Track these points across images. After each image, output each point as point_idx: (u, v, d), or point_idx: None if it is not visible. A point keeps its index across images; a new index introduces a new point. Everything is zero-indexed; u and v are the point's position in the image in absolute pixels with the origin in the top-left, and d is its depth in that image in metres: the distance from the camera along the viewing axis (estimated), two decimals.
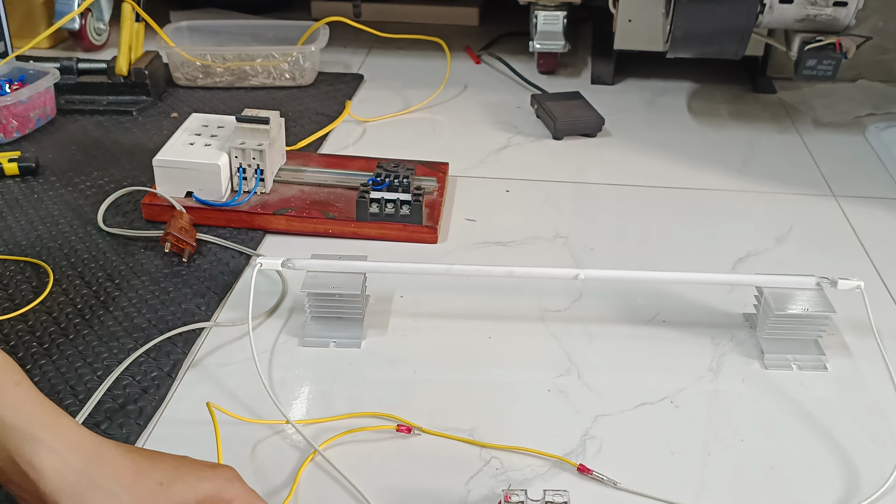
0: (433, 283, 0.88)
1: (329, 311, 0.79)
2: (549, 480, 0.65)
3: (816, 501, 0.64)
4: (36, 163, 1.06)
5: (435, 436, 0.69)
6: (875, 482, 0.66)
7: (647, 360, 0.79)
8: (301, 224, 0.96)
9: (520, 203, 1.05)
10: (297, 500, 0.63)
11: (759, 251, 0.96)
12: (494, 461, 0.67)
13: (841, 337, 0.82)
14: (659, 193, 1.09)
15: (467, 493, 0.64)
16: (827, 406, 0.74)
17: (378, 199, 0.95)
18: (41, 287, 0.85)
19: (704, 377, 0.77)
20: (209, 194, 0.96)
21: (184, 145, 0.97)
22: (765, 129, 1.28)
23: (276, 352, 0.78)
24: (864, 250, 0.97)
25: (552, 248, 0.96)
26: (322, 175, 1.03)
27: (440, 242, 0.96)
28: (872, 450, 0.69)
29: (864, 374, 0.77)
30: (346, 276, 0.79)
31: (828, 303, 0.78)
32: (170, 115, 1.25)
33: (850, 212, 1.05)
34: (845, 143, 1.25)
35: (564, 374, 0.76)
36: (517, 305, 0.85)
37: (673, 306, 0.86)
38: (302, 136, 1.18)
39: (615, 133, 1.25)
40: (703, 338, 0.81)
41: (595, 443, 0.69)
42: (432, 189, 1.02)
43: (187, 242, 0.89)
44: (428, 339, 0.80)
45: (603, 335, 0.82)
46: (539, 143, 1.22)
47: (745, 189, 1.10)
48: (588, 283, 0.88)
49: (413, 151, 1.13)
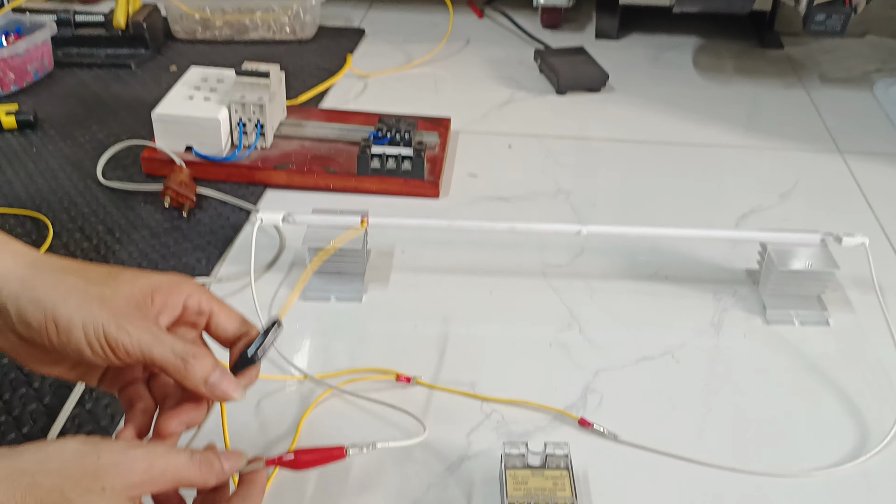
0: (434, 238, 0.87)
1: (330, 266, 0.79)
2: (550, 433, 0.65)
3: (816, 456, 0.64)
4: (34, 116, 1.05)
5: (436, 389, 0.69)
6: (877, 436, 0.66)
7: (649, 315, 0.78)
8: (302, 179, 0.95)
9: (522, 158, 1.05)
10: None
11: (764, 207, 0.95)
12: (495, 414, 0.67)
13: (844, 293, 0.82)
14: (662, 149, 1.08)
15: (468, 446, 0.64)
16: (828, 361, 0.74)
17: (379, 153, 0.94)
18: (41, 240, 0.84)
19: (706, 332, 0.76)
20: (209, 149, 0.95)
21: (183, 99, 0.96)
22: (771, 85, 1.26)
23: (276, 306, 0.78)
24: (870, 206, 0.96)
25: (554, 204, 0.95)
26: (323, 130, 1.02)
27: (442, 197, 0.96)
28: (874, 404, 0.69)
29: (866, 330, 0.77)
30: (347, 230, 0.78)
31: (831, 259, 0.78)
32: (168, 68, 1.23)
33: (855, 168, 1.04)
34: (852, 98, 1.23)
35: (566, 328, 0.76)
36: (519, 260, 0.85)
37: (675, 262, 0.85)
38: (302, 90, 1.17)
39: (619, 88, 1.24)
40: (705, 293, 0.81)
41: (596, 396, 0.69)
42: (434, 144, 1.01)
43: (187, 197, 0.89)
44: (429, 293, 0.80)
45: (604, 290, 0.81)
46: (542, 98, 1.20)
47: (750, 145, 1.09)
48: (590, 239, 0.87)
49: (415, 106, 1.12)
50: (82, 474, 0.43)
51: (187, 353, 0.48)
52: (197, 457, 0.47)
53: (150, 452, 0.45)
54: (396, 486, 0.60)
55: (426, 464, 0.62)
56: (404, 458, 0.63)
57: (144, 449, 0.45)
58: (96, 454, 0.43)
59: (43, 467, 0.42)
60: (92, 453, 0.43)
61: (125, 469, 0.44)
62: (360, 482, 0.61)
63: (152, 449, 0.45)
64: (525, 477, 0.57)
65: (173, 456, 0.46)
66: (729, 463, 0.63)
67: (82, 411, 0.65)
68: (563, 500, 0.55)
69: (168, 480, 0.45)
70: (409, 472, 0.61)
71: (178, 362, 0.48)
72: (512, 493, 0.56)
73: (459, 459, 0.63)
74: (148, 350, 0.47)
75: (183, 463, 0.46)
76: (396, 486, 0.60)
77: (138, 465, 0.44)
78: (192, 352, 0.48)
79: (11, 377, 0.67)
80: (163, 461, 0.45)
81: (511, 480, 0.57)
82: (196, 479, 0.47)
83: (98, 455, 0.43)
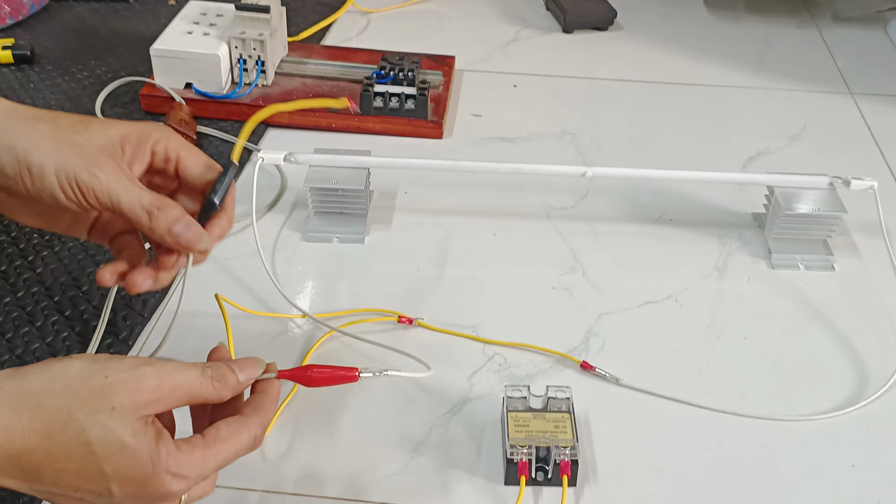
0: (438, 178, 0.86)
1: (332, 207, 0.78)
2: (552, 377, 0.65)
3: (818, 399, 0.65)
4: (31, 51, 1.03)
5: (438, 332, 0.69)
6: (879, 381, 0.66)
7: (653, 258, 0.78)
8: (303, 118, 0.94)
9: (527, 98, 1.03)
10: (302, 388, 0.63)
11: (772, 150, 0.94)
12: (497, 357, 0.67)
13: (850, 237, 0.81)
14: (670, 90, 1.06)
15: (470, 388, 0.64)
16: (832, 305, 0.73)
17: (382, 92, 0.92)
18: None
19: (710, 276, 0.76)
20: (209, 86, 0.93)
21: (181, 34, 0.94)
22: (782, 24, 1.24)
23: (279, 247, 0.77)
24: (879, 150, 0.95)
25: (559, 145, 0.94)
26: (325, 67, 1.00)
27: (445, 138, 0.94)
28: (877, 349, 0.69)
29: (871, 275, 0.77)
30: (350, 170, 0.78)
31: (839, 203, 0.77)
32: (167, 2, 1.21)
33: (866, 110, 1.02)
34: (865, 38, 1.21)
35: (569, 271, 0.76)
36: (523, 202, 0.84)
37: (681, 205, 0.84)
38: (304, 26, 1.15)
39: (627, 27, 1.21)
40: (710, 237, 0.81)
41: (598, 340, 0.69)
42: (438, 83, 0.99)
43: (187, 135, 0.87)
44: (432, 235, 0.80)
45: (609, 233, 0.81)
46: (548, 36, 1.18)
47: (759, 86, 1.07)
48: (595, 181, 0.86)
49: (418, 44, 1.10)
50: (90, 394, 0.42)
51: (153, 204, 0.48)
52: (209, 372, 0.46)
53: (159, 370, 0.44)
54: (398, 427, 0.61)
55: (428, 406, 0.62)
56: (406, 400, 0.63)
57: (154, 366, 0.44)
58: (103, 373, 0.43)
59: (48, 388, 0.42)
60: (99, 372, 0.43)
61: (134, 387, 0.43)
62: (362, 424, 0.61)
63: (162, 366, 0.44)
64: (526, 420, 0.57)
65: (184, 372, 0.45)
66: (730, 407, 0.63)
67: None
68: (564, 442, 0.56)
69: (180, 397, 0.45)
70: (412, 413, 0.62)
71: (143, 214, 0.48)
72: (513, 435, 0.56)
73: (461, 402, 0.63)
74: (116, 198, 0.48)
75: (195, 379, 0.45)
76: (398, 428, 0.61)
77: (148, 382, 0.43)
78: (158, 203, 0.48)
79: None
80: (173, 378, 0.44)
81: (513, 423, 0.57)
82: (209, 394, 0.46)
83: (106, 374, 0.43)
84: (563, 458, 0.55)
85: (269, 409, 0.49)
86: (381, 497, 0.56)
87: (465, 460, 0.59)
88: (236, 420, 0.47)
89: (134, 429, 0.42)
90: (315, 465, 0.58)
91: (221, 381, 0.46)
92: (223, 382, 0.46)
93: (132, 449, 0.42)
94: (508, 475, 0.57)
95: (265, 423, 0.48)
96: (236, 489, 0.56)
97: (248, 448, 0.47)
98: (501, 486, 0.57)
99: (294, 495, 0.56)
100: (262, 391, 0.49)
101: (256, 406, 0.48)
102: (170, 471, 0.43)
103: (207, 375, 0.46)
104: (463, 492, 0.57)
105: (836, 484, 0.58)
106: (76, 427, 0.41)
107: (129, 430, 0.42)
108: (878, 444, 0.61)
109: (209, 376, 0.46)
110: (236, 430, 0.46)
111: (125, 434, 0.42)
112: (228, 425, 0.46)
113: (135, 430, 0.42)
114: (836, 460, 0.60)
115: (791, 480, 0.58)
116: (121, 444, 0.42)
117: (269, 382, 0.50)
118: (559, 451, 0.55)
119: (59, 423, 0.41)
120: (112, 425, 0.42)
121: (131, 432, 0.42)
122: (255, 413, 0.48)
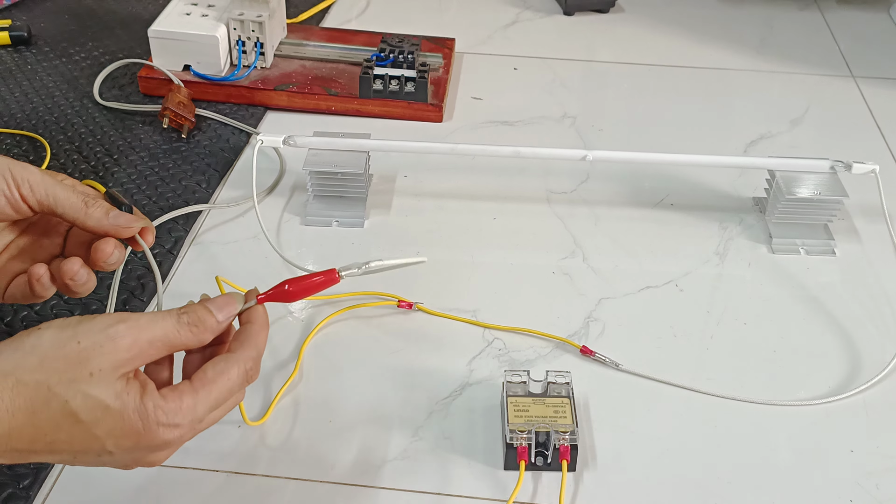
0: (437, 162, 0.86)
1: (332, 190, 0.78)
2: (552, 362, 0.65)
3: (816, 385, 0.65)
4: (28, 32, 1.03)
5: (438, 316, 0.68)
6: (876, 367, 0.66)
7: (653, 243, 0.78)
8: (302, 100, 0.93)
9: (527, 81, 1.02)
10: (302, 373, 0.63)
11: (773, 134, 0.94)
12: (497, 342, 0.67)
13: (851, 222, 0.81)
14: (672, 73, 1.05)
15: (470, 373, 0.64)
16: (832, 291, 0.73)
17: (382, 75, 0.92)
18: (38, 161, 0.83)
19: (710, 261, 0.76)
20: (207, 68, 0.93)
21: (180, 15, 0.94)
22: (785, 6, 1.23)
23: (278, 231, 0.77)
24: (881, 133, 0.95)
25: (560, 129, 0.93)
26: (324, 50, 1.00)
27: (445, 121, 0.94)
28: (875, 335, 0.69)
29: (872, 260, 0.77)
30: (349, 154, 0.77)
31: (840, 187, 0.76)
32: None
33: (868, 93, 1.02)
34: (868, 20, 1.20)
35: (569, 256, 0.76)
36: (523, 186, 0.84)
37: (681, 189, 0.84)
38: (303, 8, 1.14)
39: (628, 8, 1.20)
40: (711, 221, 0.80)
41: (598, 325, 0.69)
42: (438, 66, 0.99)
43: (186, 118, 0.87)
44: (431, 219, 0.79)
45: (609, 217, 0.80)
46: (549, 18, 1.17)
47: (761, 69, 1.07)
48: (595, 165, 0.86)
49: (418, 26, 1.09)
50: (66, 365, 0.41)
51: (88, 194, 0.50)
52: (185, 318, 0.45)
53: (133, 325, 0.43)
54: (398, 412, 0.61)
55: (428, 390, 0.62)
56: (406, 385, 0.63)
57: (127, 323, 0.43)
58: (76, 339, 0.42)
59: (24, 364, 0.41)
60: (71, 339, 0.42)
61: (110, 349, 0.42)
62: (361, 409, 0.61)
63: (136, 321, 0.43)
64: (526, 405, 0.57)
65: (159, 322, 0.44)
66: (730, 392, 0.63)
67: None
68: (563, 427, 0.56)
69: (159, 349, 0.44)
70: (411, 398, 0.62)
71: (80, 203, 0.50)
72: (513, 420, 0.56)
73: (461, 387, 0.63)
74: (52, 190, 0.50)
75: (171, 328, 0.44)
76: (398, 413, 0.61)
77: (122, 341, 0.42)
78: (92, 194, 0.51)
79: None
80: (149, 332, 0.43)
81: (512, 408, 0.57)
82: (189, 340, 0.45)
83: (78, 339, 0.42)
84: (562, 443, 0.55)
85: (257, 338, 0.48)
86: (380, 482, 0.56)
87: (464, 445, 0.59)
88: (223, 358, 0.46)
89: (116, 390, 0.42)
90: (315, 450, 0.58)
91: (200, 325, 0.45)
92: (202, 326, 0.46)
93: (118, 410, 0.42)
94: (508, 460, 0.57)
95: (255, 354, 0.47)
96: (236, 473, 0.56)
97: (241, 383, 0.46)
98: (501, 471, 0.57)
99: (294, 480, 0.56)
100: (248, 321, 0.48)
101: (244, 339, 0.47)
102: (160, 423, 0.43)
103: (184, 322, 0.45)
104: (462, 476, 0.57)
105: (834, 469, 0.58)
106: (58, 400, 0.41)
107: (112, 393, 0.42)
108: (877, 429, 0.61)
109: (185, 322, 0.45)
110: (224, 368, 0.46)
111: (108, 398, 0.42)
112: (215, 365, 0.46)
113: (117, 391, 0.42)
114: (834, 445, 0.60)
115: (790, 465, 0.59)
116: (105, 407, 0.42)
117: (253, 311, 0.49)
118: (559, 436, 0.55)
119: (40, 399, 0.41)
120: (93, 392, 0.41)
121: (114, 394, 0.42)
122: (243, 347, 0.47)
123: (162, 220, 0.75)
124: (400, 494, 0.55)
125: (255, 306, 0.49)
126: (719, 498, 0.56)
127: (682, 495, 0.56)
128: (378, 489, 0.56)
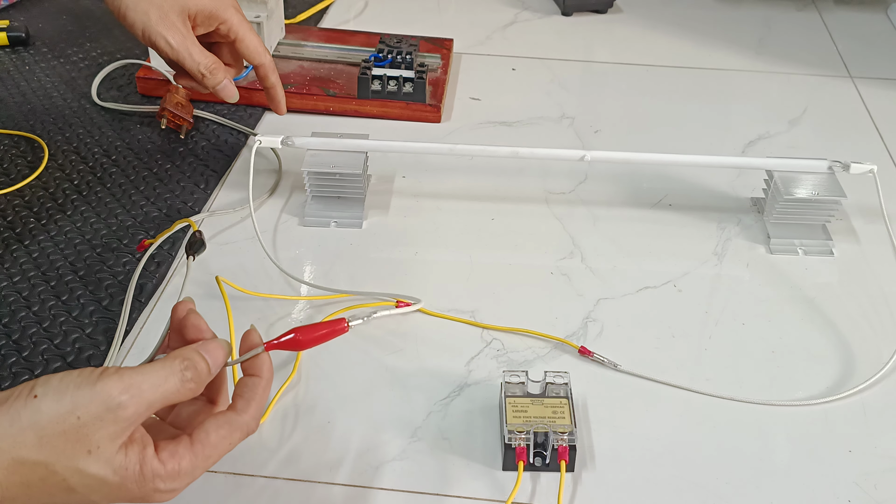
0: (436, 163, 0.86)
1: (330, 191, 0.78)
2: (550, 362, 0.65)
3: (813, 385, 0.65)
4: (26, 32, 1.03)
5: (436, 317, 0.68)
6: (872, 368, 0.66)
7: (652, 243, 0.78)
8: (300, 101, 0.93)
9: (526, 82, 1.02)
10: (301, 374, 0.63)
11: (771, 134, 0.94)
12: (495, 343, 0.67)
13: (850, 222, 0.81)
14: (670, 73, 1.05)
15: (468, 374, 0.64)
16: (830, 291, 0.73)
17: (380, 75, 0.92)
18: (36, 162, 0.83)
19: (709, 261, 0.76)
20: None
21: None
22: (783, 6, 1.23)
23: (277, 231, 0.77)
24: (879, 134, 0.95)
25: (558, 129, 0.94)
26: (322, 50, 1.00)
27: (443, 121, 0.94)
28: (872, 336, 0.69)
29: (870, 260, 0.77)
30: (348, 154, 0.77)
31: (839, 187, 0.76)
32: None
33: (866, 94, 1.02)
34: (866, 21, 1.20)
35: (568, 256, 0.76)
36: (521, 187, 0.84)
37: (680, 190, 0.84)
38: (301, 8, 1.14)
39: (627, 9, 1.20)
40: (709, 222, 0.80)
41: (596, 325, 0.69)
42: (436, 66, 0.99)
43: (184, 118, 0.87)
44: (430, 220, 0.79)
45: (607, 218, 0.80)
46: (547, 19, 1.17)
47: (760, 69, 1.07)
48: (594, 165, 0.86)
49: (416, 27, 1.09)
50: (65, 443, 0.40)
51: (207, 67, 0.69)
52: (188, 374, 0.44)
53: (135, 396, 0.42)
54: (396, 413, 0.61)
55: (426, 391, 0.62)
56: (404, 386, 0.63)
57: (129, 394, 0.42)
58: (75, 414, 0.40)
59: (20, 441, 0.40)
60: (70, 415, 0.40)
61: (110, 420, 0.41)
62: (360, 410, 0.61)
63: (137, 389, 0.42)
64: (525, 405, 0.57)
65: (161, 386, 0.43)
66: (728, 392, 0.63)
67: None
68: (562, 428, 0.56)
69: (156, 407, 0.43)
70: (409, 399, 0.62)
71: (198, 74, 0.69)
72: (511, 421, 0.56)
73: (459, 387, 0.63)
74: (180, 59, 0.68)
75: (172, 390, 0.43)
76: (396, 414, 0.61)
77: (123, 413, 0.41)
78: (210, 67, 0.69)
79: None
80: (150, 396, 0.42)
81: (511, 409, 0.57)
82: (184, 394, 0.44)
83: (77, 414, 0.40)
84: (560, 444, 0.55)
85: (263, 396, 0.47)
86: (379, 483, 0.56)
87: (463, 446, 0.59)
88: (227, 420, 0.46)
89: (114, 466, 0.41)
90: (313, 452, 0.58)
91: (193, 376, 0.44)
92: (194, 377, 0.44)
93: (116, 484, 0.42)
94: (506, 461, 0.57)
95: (258, 414, 0.47)
96: (234, 475, 0.56)
97: (240, 440, 0.46)
98: (499, 471, 0.57)
99: (292, 481, 0.56)
100: (254, 374, 0.48)
101: (250, 398, 0.47)
102: (158, 489, 0.43)
103: (187, 378, 0.44)
104: (461, 477, 0.57)
105: (833, 469, 0.58)
106: (56, 478, 0.41)
107: (110, 470, 0.41)
108: (876, 430, 0.61)
109: (188, 379, 0.44)
110: (227, 433, 0.45)
111: (107, 474, 0.41)
112: (219, 428, 0.45)
113: (115, 467, 0.41)
114: (833, 445, 0.60)
115: (788, 465, 0.59)
116: (103, 482, 0.41)
117: (259, 363, 0.48)
118: (557, 436, 0.55)
119: (37, 476, 0.40)
120: (91, 470, 0.41)
121: (112, 470, 0.41)
122: (249, 407, 0.46)
123: (162, 238, 0.75)
124: (398, 495, 0.55)
125: (262, 355, 0.48)
126: (718, 498, 0.56)
127: (680, 495, 0.56)
128: (376, 490, 0.56)
